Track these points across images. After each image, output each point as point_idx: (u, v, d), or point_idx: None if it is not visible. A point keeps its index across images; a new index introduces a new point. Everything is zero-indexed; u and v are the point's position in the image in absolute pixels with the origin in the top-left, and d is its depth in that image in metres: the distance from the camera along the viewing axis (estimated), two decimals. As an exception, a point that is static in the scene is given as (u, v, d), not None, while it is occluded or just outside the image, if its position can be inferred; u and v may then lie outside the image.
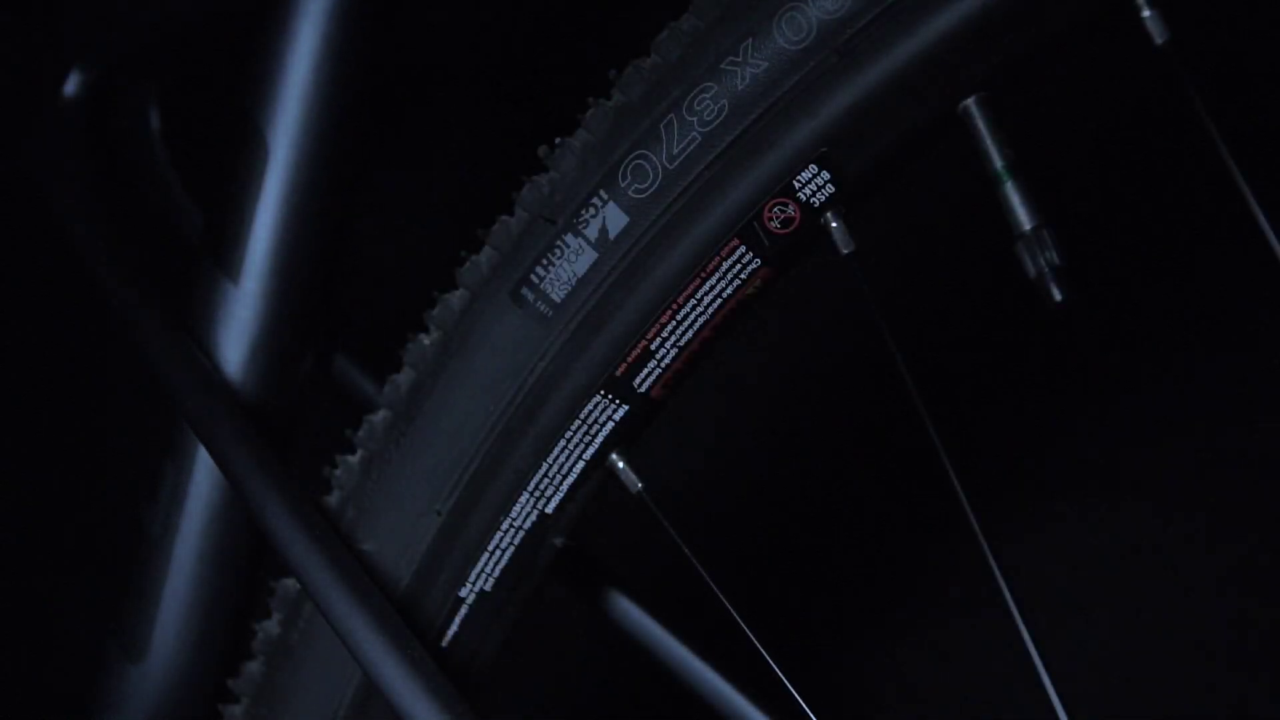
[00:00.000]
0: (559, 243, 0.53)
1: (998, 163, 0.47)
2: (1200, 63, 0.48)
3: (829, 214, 0.50)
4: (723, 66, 0.49)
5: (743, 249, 0.51)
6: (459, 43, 1.10)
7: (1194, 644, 1.06)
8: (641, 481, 0.55)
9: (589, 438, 0.54)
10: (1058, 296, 0.47)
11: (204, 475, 0.64)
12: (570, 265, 0.53)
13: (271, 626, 0.60)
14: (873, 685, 1.12)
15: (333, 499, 0.58)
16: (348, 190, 0.63)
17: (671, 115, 0.51)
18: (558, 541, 0.57)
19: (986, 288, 1.07)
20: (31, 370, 1.08)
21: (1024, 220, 0.47)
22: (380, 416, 0.57)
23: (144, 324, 0.63)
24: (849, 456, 1.13)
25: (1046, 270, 0.47)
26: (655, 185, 0.51)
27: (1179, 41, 0.45)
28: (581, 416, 0.54)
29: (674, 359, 0.53)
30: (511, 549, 0.56)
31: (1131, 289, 1.07)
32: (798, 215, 0.50)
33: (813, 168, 0.49)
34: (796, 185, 0.50)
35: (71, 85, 0.72)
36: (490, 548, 0.56)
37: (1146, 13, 0.45)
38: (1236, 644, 1.05)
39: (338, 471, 0.58)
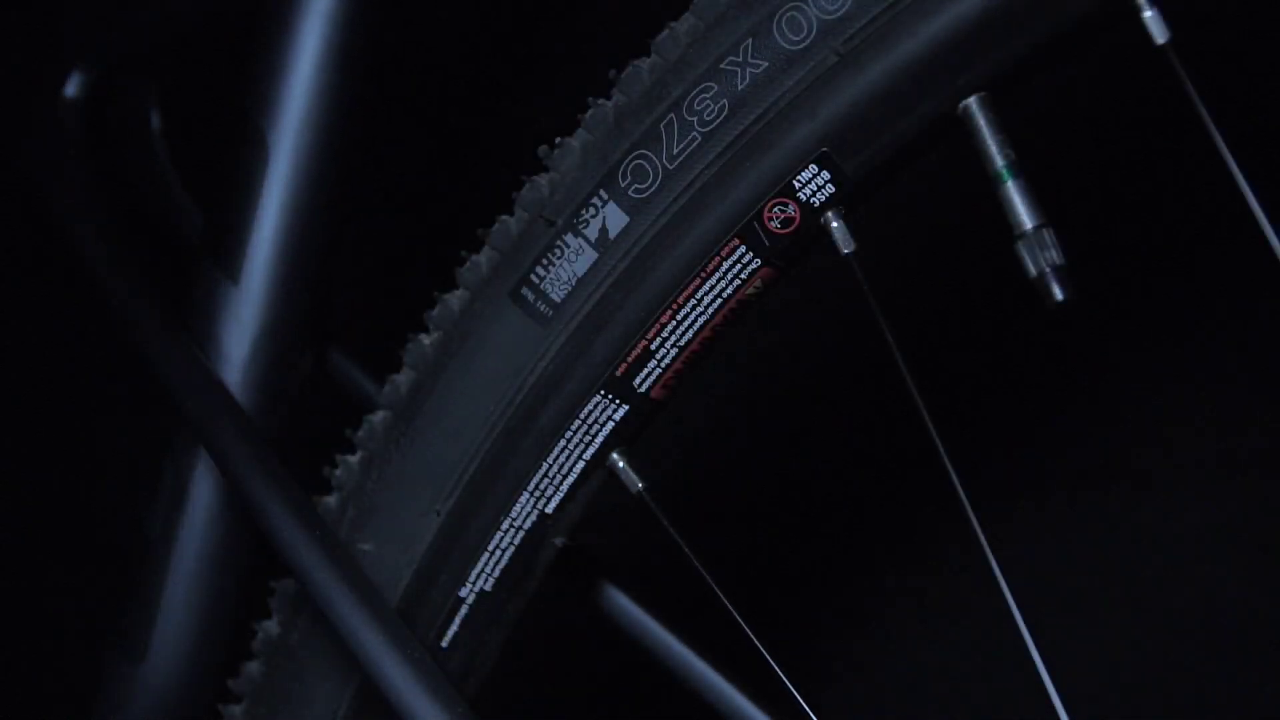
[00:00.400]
0: (559, 243, 0.53)
1: (998, 163, 0.47)
2: (1200, 63, 0.48)
3: (829, 214, 0.50)
4: (723, 66, 0.49)
5: (743, 249, 0.51)
6: (459, 43, 1.10)
7: (1195, 643, 1.06)
8: (641, 481, 0.55)
9: (589, 438, 0.54)
10: (1058, 296, 0.47)
11: (204, 475, 0.64)
12: (570, 265, 0.53)
13: (271, 626, 0.60)
14: (872, 684, 1.12)
15: (333, 499, 0.58)
16: (347, 190, 0.63)
17: (671, 115, 0.51)
18: (558, 541, 0.57)
19: (986, 288, 1.07)
20: (31, 370, 1.08)
21: (1024, 220, 0.47)
22: (380, 416, 0.57)
23: (144, 324, 0.63)
24: (849, 456, 1.13)
25: (1047, 270, 0.47)
26: (655, 185, 0.51)
27: (1179, 41, 0.45)
28: (581, 416, 0.54)
29: (674, 359, 0.53)
30: (511, 549, 0.56)
31: (1132, 289, 1.07)
32: (798, 215, 0.50)
33: (813, 168, 0.49)
34: (796, 185, 0.50)
35: (71, 85, 0.72)
36: (490, 548, 0.56)
37: (1147, 13, 0.45)
38: (1238, 643, 1.05)
39: (338, 471, 0.58)
